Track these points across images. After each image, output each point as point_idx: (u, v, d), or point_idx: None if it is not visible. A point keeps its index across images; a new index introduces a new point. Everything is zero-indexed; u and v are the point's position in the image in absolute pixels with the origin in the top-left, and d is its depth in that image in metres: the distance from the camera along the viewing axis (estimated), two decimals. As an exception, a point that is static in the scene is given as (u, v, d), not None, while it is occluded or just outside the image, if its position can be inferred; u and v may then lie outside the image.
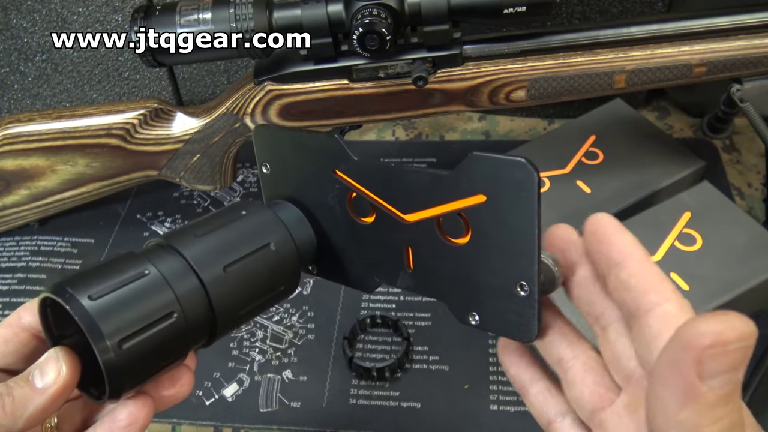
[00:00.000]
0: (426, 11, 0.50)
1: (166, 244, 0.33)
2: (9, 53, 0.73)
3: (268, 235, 0.36)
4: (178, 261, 0.32)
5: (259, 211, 0.37)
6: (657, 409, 0.22)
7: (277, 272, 0.36)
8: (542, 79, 0.54)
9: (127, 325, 0.29)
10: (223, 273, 0.33)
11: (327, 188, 0.36)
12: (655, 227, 0.56)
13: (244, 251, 0.34)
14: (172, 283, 0.31)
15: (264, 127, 0.39)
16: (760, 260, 0.53)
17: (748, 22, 0.51)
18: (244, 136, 0.60)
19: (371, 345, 0.59)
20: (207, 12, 0.51)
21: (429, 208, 0.32)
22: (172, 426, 0.57)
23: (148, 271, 0.31)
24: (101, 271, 0.31)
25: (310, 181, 0.37)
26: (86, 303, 0.29)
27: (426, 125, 0.79)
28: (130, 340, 0.29)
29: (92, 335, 0.28)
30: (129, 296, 0.30)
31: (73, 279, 0.30)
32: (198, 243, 0.33)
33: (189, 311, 0.31)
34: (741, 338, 0.21)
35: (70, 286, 0.29)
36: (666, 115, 0.76)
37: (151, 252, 0.33)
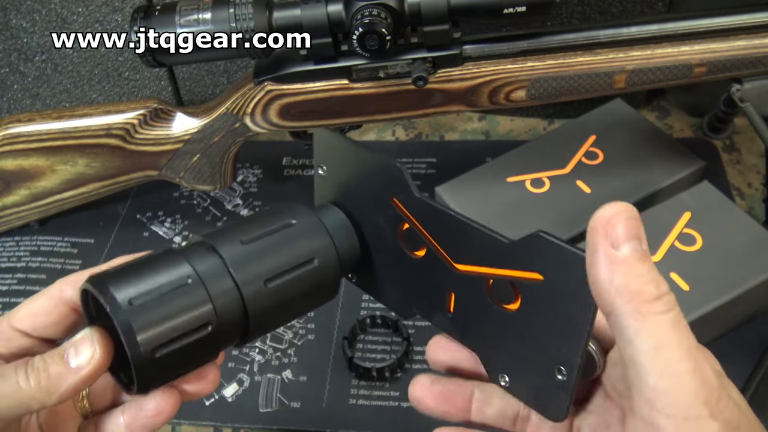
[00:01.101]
0: (426, 11, 0.50)
1: (210, 246, 0.33)
2: (9, 53, 0.73)
3: (314, 250, 0.35)
4: (221, 270, 0.32)
5: (308, 221, 0.36)
6: (599, 287, 0.26)
7: (317, 287, 0.35)
8: (542, 79, 0.54)
9: (162, 335, 0.29)
10: (263, 287, 0.33)
11: (380, 210, 0.35)
12: (655, 227, 0.56)
13: (288, 266, 0.34)
14: (212, 295, 0.31)
15: (326, 132, 0.38)
16: (760, 260, 0.53)
17: (748, 22, 0.51)
18: (244, 136, 0.60)
19: (371, 345, 0.59)
20: (207, 12, 0.51)
21: (482, 266, 0.31)
22: (172, 426, 0.57)
23: (191, 279, 0.31)
24: (143, 271, 0.31)
25: (364, 197, 0.36)
26: (125, 307, 0.29)
27: (426, 125, 0.79)
28: (164, 348, 0.30)
29: (128, 341, 0.29)
30: (168, 305, 0.30)
31: (116, 276, 0.30)
32: (242, 252, 0.33)
33: (224, 322, 0.32)
34: (626, 210, 0.26)
35: (112, 286, 0.30)
36: (666, 115, 0.76)
37: (195, 255, 0.32)
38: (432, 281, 0.34)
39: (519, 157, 0.65)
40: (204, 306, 0.31)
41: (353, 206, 0.37)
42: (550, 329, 0.29)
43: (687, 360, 0.25)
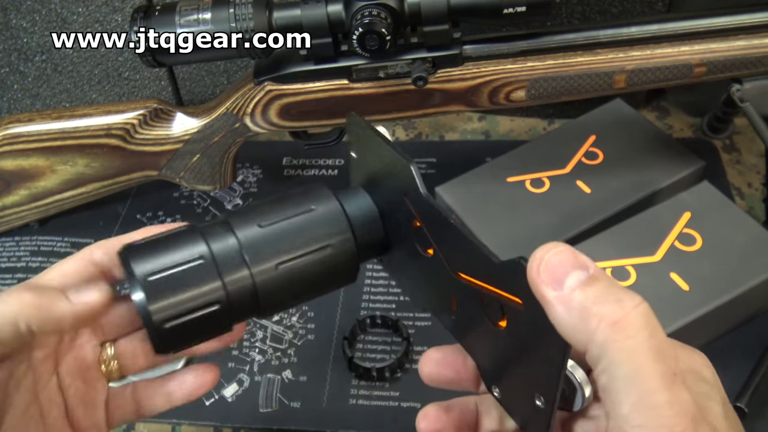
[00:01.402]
0: (426, 11, 0.50)
1: (230, 228, 0.34)
2: (9, 53, 0.73)
3: (330, 236, 0.35)
4: (235, 252, 0.33)
5: (329, 208, 0.36)
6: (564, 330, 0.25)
7: (331, 272, 0.36)
8: (542, 79, 0.54)
9: (173, 309, 0.32)
10: (274, 270, 0.34)
11: (397, 204, 0.35)
12: (655, 227, 0.56)
13: (301, 251, 0.34)
14: (223, 274, 0.33)
15: (357, 117, 0.38)
16: (760, 260, 0.53)
17: (748, 22, 0.51)
18: (244, 136, 0.60)
19: (371, 345, 0.59)
20: (207, 12, 0.51)
21: (475, 278, 0.31)
22: (172, 426, 0.57)
23: (204, 258, 0.33)
24: (164, 247, 0.33)
25: (385, 187, 0.36)
26: (142, 282, 0.31)
27: (426, 125, 0.79)
28: (174, 321, 0.32)
29: (142, 314, 0.31)
30: (180, 281, 0.32)
31: (140, 251, 0.33)
32: (258, 235, 0.34)
33: (234, 302, 0.33)
34: (550, 248, 0.26)
35: (133, 261, 0.32)
36: (666, 115, 0.76)
37: (214, 235, 0.34)
38: (438, 282, 0.34)
39: (519, 157, 0.65)
40: (214, 286, 0.32)
41: (379, 193, 0.37)
42: (530, 356, 0.29)
43: (663, 391, 0.24)
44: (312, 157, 0.76)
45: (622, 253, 0.54)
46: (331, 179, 0.73)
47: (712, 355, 0.29)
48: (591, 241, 0.56)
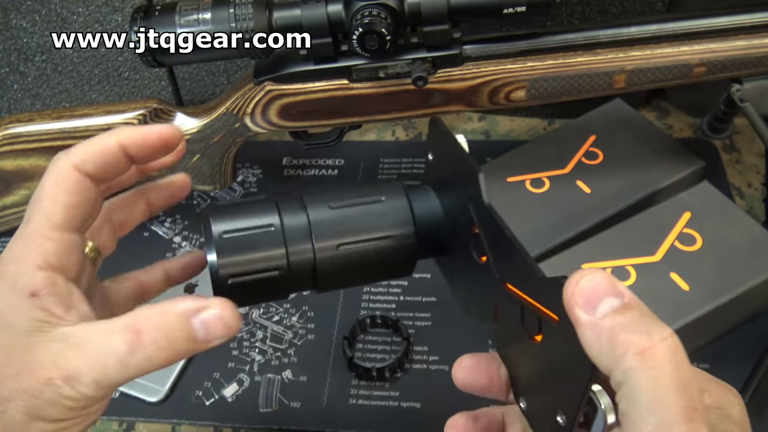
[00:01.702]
0: (426, 11, 0.50)
1: (302, 204, 0.37)
2: (9, 53, 0.73)
3: (393, 227, 0.37)
4: (303, 228, 0.36)
5: (397, 201, 0.38)
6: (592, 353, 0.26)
7: (388, 262, 0.37)
8: (542, 79, 0.54)
9: (237, 267, 0.34)
10: (335, 250, 0.36)
11: (460, 209, 0.36)
12: (655, 227, 0.56)
13: (363, 237, 0.36)
14: (289, 244, 0.35)
15: (439, 121, 0.39)
16: (760, 260, 0.53)
17: (748, 22, 0.51)
18: (244, 136, 0.60)
19: (371, 345, 0.59)
20: (207, 12, 0.51)
21: (519, 290, 0.32)
22: (172, 426, 0.57)
23: (274, 227, 0.35)
24: (243, 211, 0.36)
25: (452, 191, 0.38)
26: (217, 239, 0.34)
27: (426, 125, 0.78)
28: (237, 278, 0.34)
29: (211, 267, 0.34)
30: (249, 243, 0.35)
31: (220, 211, 0.35)
32: (327, 215, 0.36)
33: (294, 271, 0.35)
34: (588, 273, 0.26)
35: (213, 218, 0.35)
36: (666, 115, 0.76)
37: (287, 207, 0.36)
38: (485, 289, 0.35)
39: (519, 157, 0.65)
40: (278, 253, 0.35)
41: (446, 197, 0.38)
42: (559, 373, 0.29)
43: (681, 424, 0.24)
44: (312, 157, 0.76)
45: (622, 253, 0.54)
46: (332, 179, 0.73)
47: (712, 355, 0.29)
48: (591, 241, 0.56)
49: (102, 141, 0.34)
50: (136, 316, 0.31)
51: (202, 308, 0.32)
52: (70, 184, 0.33)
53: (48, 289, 0.32)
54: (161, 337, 0.31)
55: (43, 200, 0.33)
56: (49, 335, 0.31)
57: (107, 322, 0.31)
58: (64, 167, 0.34)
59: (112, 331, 0.31)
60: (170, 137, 0.36)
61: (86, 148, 0.34)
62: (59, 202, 0.33)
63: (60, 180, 0.33)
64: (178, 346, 0.32)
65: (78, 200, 0.34)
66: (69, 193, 0.33)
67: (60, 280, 0.32)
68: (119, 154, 0.35)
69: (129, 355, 0.30)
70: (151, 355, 0.31)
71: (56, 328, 0.31)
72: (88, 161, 0.34)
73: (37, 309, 0.31)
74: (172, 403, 0.58)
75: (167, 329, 0.31)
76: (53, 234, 0.33)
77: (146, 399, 0.57)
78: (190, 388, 0.58)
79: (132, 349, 0.30)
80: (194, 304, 0.32)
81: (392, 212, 0.37)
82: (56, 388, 0.30)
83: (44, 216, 0.33)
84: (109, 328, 0.31)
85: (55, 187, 0.33)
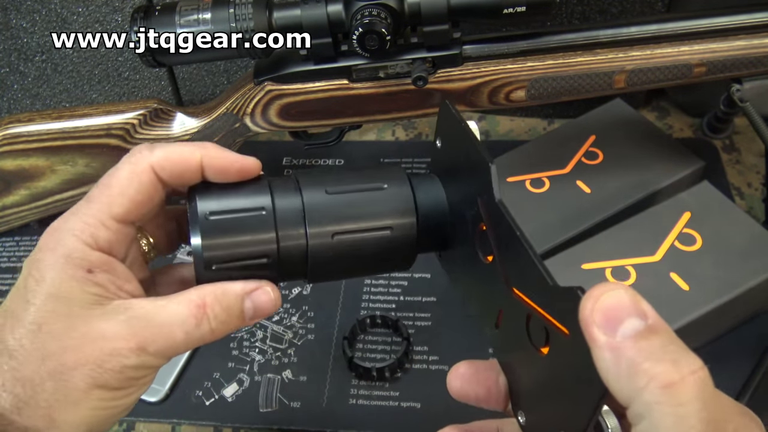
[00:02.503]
0: (426, 11, 0.50)
1: (297, 186, 0.35)
2: (9, 53, 0.73)
3: (394, 217, 0.35)
4: (296, 212, 0.34)
5: (400, 190, 0.35)
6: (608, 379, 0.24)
7: (387, 255, 0.35)
8: (542, 79, 0.54)
9: (224, 251, 0.33)
10: (330, 239, 0.34)
11: (468, 203, 0.34)
12: (655, 227, 0.56)
13: (360, 226, 0.34)
14: (279, 229, 0.33)
15: (451, 107, 0.36)
16: (760, 260, 0.53)
17: (748, 22, 0.51)
18: (244, 136, 0.60)
19: (371, 345, 0.59)
20: (207, 12, 0.51)
21: (527, 297, 0.29)
22: (172, 426, 0.57)
23: (266, 210, 0.33)
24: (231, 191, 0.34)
25: (460, 183, 0.35)
26: (202, 221, 0.32)
27: (426, 125, 0.79)
28: (222, 263, 0.33)
29: (194, 252, 0.32)
30: (238, 226, 0.33)
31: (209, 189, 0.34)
32: (323, 201, 0.34)
33: (284, 259, 0.34)
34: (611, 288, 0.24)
35: (199, 196, 0.33)
36: (666, 115, 0.76)
37: (281, 189, 0.34)
38: (489, 291, 0.33)
39: (519, 157, 0.65)
40: (267, 237, 0.33)
41: (453, 188, 0.36)
42: (565, 391, 0.27)
43: None
44: (312, 157, 0.76)
45: (622, 253, 0.54)
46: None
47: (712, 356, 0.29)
48: (591, 241, 0.56)
49: (187, 152, 0.34)
50: (200, 293, 0.33)
51: (254, 289, 0.34)
52: (143, 183, 0.34)
53: (104, 267, 0.33)
54: (222, 312, 0.33)
55: (113, 187, 0.34)
56: (107, 308, 0.32)
57: (170, 298, 0.33)
58: (142, 163, 0.34)
59: (179, 304, 0.33)
60: (249, 171, 0.35)
61: (169, 152, 0.34)
62: (126, 195, 0.34)
63: (134, 174, 0.34)
64: (233, 322, 0.34)
65: (143, 199, 0.34)
66: (138, 190, 0.34)
67: (112, 260, 0.34)
68: (198, 170, 0.35)
69: (195, 328, 0.33)
70: (214, 329, 0.33)
71: (111, 301, 0.33)
72: (167, 167, 0.34)
73: (93, 284, 0.32)
74: (172, 403, 0.58)
75: (227, 305, 0.33)
76: (109, 222, 0.33)
77: (146, 399, 0.57)
78: (190, 388, 0.58)
79: (198, 322, 0.33)
80: (248, 285, 0.34)
81: (393, 201, 0.35)
82: (122, 359, 0.32)
83: (107, 203, 0.33)
84: (176, 302, 0.33)
85: (127, 179, 0.34)
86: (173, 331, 0.32)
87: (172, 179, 0.35)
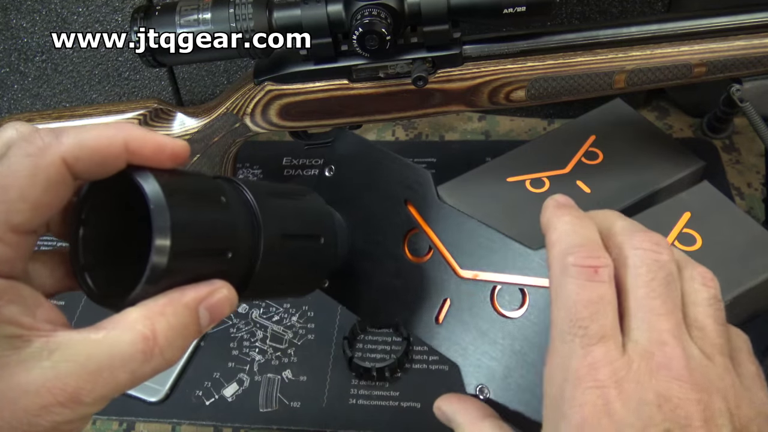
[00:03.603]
0: (426, 11, 0.50)
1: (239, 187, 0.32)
2: (9, 53, 0.73)
3: (323, 228, 0.35)
4: (247, 207, 0.31)
5: (320, 203, 0.37)
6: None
7: (315, 266, 0.36)
8: (542, 79, 0.54)
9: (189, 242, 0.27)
10: (280, 240, 0.32)
11: (388, 214, 0.36)
12: (655, 227, 0.55)
13: (302, 231, 0.34)
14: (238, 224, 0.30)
15: (348, 132, 0.39)
16: (760, 260, 0.53)
17: (748, 22, 0.51)
18: (244, 136, 0.60)
19: (371, 345, 0.59)
20: (207, 12, 0.51)
21: (494, 272, 0.32)
22: (172, 426, 0.57)
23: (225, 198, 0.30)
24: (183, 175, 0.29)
25: (371, 200, 0.37)
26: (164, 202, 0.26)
27: (426, 125, 0.79)
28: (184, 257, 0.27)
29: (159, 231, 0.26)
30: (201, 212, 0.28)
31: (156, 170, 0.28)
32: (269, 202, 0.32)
33: (238, 258, 0.30)
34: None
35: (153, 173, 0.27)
36: (666, 115, 0.76)
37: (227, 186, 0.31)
38: (427, 288, 0.34)
39: (519, 157, 0.65)
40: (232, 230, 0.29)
41: (351, 212, 0.38)
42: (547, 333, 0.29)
43: None
44: (312, 157, 0.76)
45: (622, 253, 0.54)
46: (331, 179, 0.73)
47: (712, 355, 0.30)
48: (591, 241, 0.56)
49: (106, 136, 0.27)
50: (147, 317, 0.27)
51: (209, 293, 0.28)
52: (51, 180, 0.26)
53: (7, 297, 0.26)
54: (177, 336, 0.27)
55: (9, 189, 0.26)
56: (24, 352, 0.25)
57: (106, 327, 0.27)
58: (50, 155, 0.26)
59: (121, 338, 0.26)
60: (183, 158, 0.29)
61: (83, 138, 0.27)
62: (29, 199, 0.26)
63: (39, 170, 0.26)
64: (190, 340, 0.28)
65: (51, 200, 0.27)
66: (45, 190, 0.26)
67: (17, 286, 0.27)
68: (122, 156, 0.27)
69: (143, 364, 0.27)
70: (168, 358, 0.28)
71: (30, 343, 0.25)
72: (83, 157, 0.27)
73: (1, 324, 0.25)
74: (172, 403, 0.58)
75: (182, 327, 0.28)
76: (8, 236, 0.26)
77: (146, 399, 0.57)
78: (190, 388, 0.58)
79: (147, 357, 0.27)
80: (200, 291, 0.28)
81: (322, 213, 0.36)
82: (54, 416, 0.25)
83: (3, 211, 0.26)
84: (116, 335, 0.26)
85: (28, 178, 0.26)
86: (114, 374, 0.26)
87: (88, 171, 0.27)
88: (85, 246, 0.29)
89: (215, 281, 0.29)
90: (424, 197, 0.35)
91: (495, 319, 0.32)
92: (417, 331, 0.35)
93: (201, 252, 0.28)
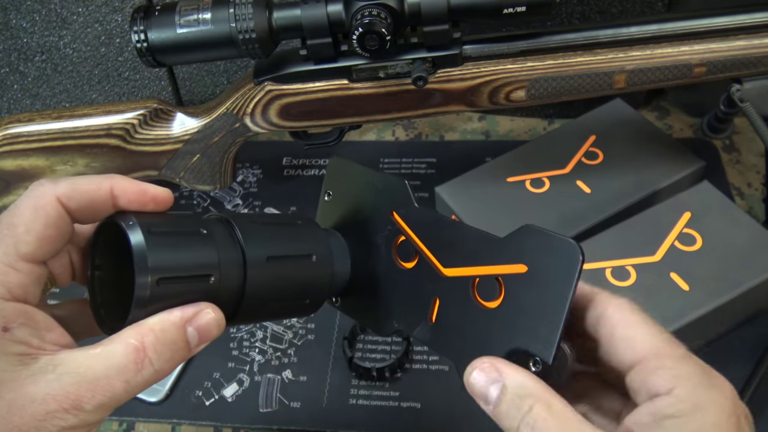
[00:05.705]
0: (426, 11, 0.50)
1: (225, 219, 0.36)
2: (9, 53, 0.73)
3: (314, 248, 0.38)
4: (231, 236, 0.34)
5: (313, 226, 0.39)
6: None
7: (310, 285, 0.38)
8: (542, 79, 0.54)
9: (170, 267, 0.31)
10: (265, 262, 0.35)
11: (379, 227, 0.38)
12: (655, 227, 0.56)
13: (290, 252, 0.37)
14: (220, 251, 0.33)
15: (340, 159, 0.41)
16: (760, 260, 0.53)
17: (748, 22, 0.51)
18: (244, 136, 0.60)
19: (371, 345, 0.59)
20: (207, 12, 0.51)
21: (470, 266, 0.34)
22: (172, 426, 0.57)
23: (205, 231, 0.33)
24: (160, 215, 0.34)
25: (365, 217, 0.39)
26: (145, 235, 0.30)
27: (426, 125, 0.79)
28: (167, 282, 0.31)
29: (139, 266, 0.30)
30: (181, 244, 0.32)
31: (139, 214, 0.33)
32: (252, 228, 0.36)
33: (224, 282, 0.33)
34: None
35: (135, 217, 0.31)
36: (666, 115, 0.76)
37: (210, 222, 0.35)
38: (420, 290, 0.36)
39: (519, 157, 0.65)
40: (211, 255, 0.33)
41: (352, 229, 0.40)
42: (529, 322, 0.31)
43: None
44: (312, 157, 0.76)
45: (622, 253, 0.54)
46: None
47: (713, 355, 0.30)
48: (591, 241, 0.56)
49: (95, 183, 0.32)
50: (137, 331, 0.31)
51: (195, 314, 0.32)
52: (50, 216, 0.31)
53: (20, 321, 0.30)
54: (166, 349, 0.31)
55: (17, 226, 0.31)
56: (32, 368, 0.29)
57: (103, 343, 0.31)
58: (47, 196, 0.32)
59: (114, 351, 0.30)
60: (163, 203, 0.34)
61: (76, 183, 0.32)
62: (33, 231, 0.31)
63: (40, 208, 0.31)
64: (180, 354, 0.32)
65: (52, 234, 0.32)
66: (46, 225, 0.31)
67: (29, 309, 0.31)
68: (108, 201, 0.33)
69: (136, 374, 0.30)
70: (158, 369, 0.31)
71: (37, 359, 0.30)
72: (75, 198, 0.32)
73: (12, 343, 0.30)
74: (172, 403, 0.58)
75: (170, 341, 0.31)
76: (19, 264, 0.31)
77: (146, 399, 0.58)
78: (190, 388, 0.58)
79: (139, 367, 0.30)
80: (186, 311, 0.32)
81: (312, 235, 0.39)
82: (58, 421, 0.29)
83: (13, 244, 0.31)
84: (110, 348, 0.30)
85: (31, 214, 0.31)
86: (111, 383, 0.30)
87: (81, 211, 0.32)
88: (100, 286, 0.34)
89: (201, 303, 0.33)
90: (405, 205, 0.37)
91: (479, 311, 0.33)
92: (416, 334, 0.37)
93: (182, 279, 0.32)
